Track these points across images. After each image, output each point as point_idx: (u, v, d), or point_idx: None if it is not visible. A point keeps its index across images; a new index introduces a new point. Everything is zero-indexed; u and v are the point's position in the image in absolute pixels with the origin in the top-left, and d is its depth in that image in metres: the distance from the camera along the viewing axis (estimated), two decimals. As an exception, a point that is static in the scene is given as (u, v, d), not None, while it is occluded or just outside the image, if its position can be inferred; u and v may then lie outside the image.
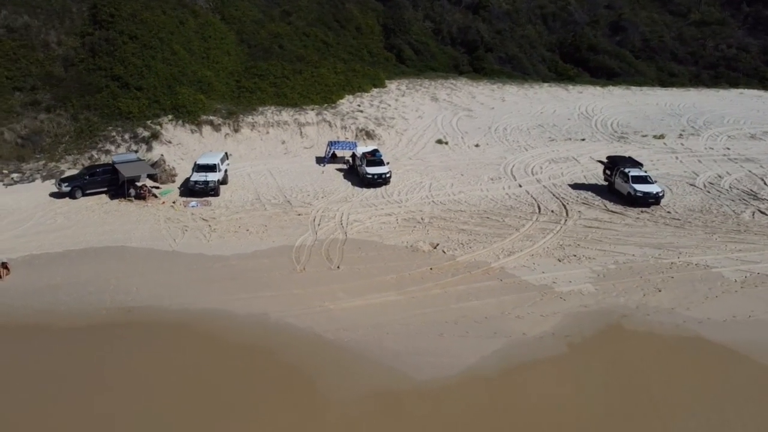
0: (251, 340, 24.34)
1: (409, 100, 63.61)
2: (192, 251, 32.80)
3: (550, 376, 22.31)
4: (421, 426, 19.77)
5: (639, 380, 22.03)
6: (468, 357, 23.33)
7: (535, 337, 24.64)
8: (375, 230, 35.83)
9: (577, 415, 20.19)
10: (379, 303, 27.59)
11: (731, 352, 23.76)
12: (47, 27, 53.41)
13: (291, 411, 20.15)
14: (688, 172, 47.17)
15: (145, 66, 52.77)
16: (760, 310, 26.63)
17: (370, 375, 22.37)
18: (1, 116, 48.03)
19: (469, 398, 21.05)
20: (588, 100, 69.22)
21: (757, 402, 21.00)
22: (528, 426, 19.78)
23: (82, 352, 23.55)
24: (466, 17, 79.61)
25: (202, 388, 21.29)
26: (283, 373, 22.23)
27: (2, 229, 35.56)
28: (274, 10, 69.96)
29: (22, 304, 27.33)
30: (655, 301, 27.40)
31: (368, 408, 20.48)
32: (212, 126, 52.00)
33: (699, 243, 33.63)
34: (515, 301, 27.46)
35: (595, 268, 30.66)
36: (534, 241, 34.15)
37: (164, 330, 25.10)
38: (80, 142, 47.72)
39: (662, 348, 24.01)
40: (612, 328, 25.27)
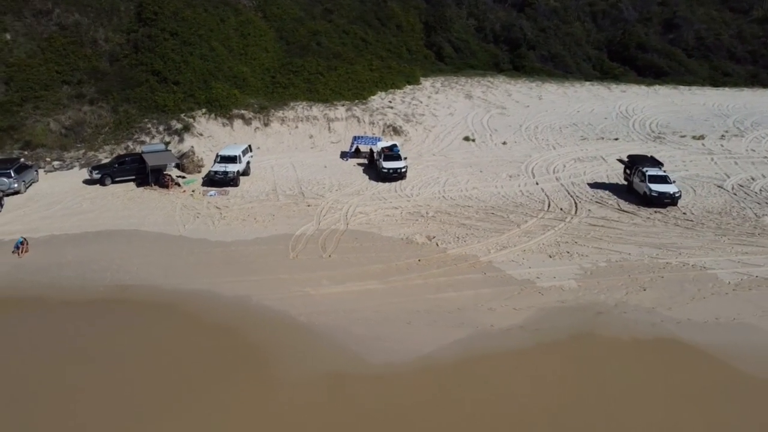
0: (227, 321, 25.56)
1: (442, 98, 63.90)
2: (197, 236, 34.44)
3: (506, 369, 22.51)
4: (364, 408, 20.41)
5: (596, 378, 21.94)
6: (428, 345, 23.79)
7: (501, 330, 24.84)
8: (377, 222, 36.56)
9: (521, 408, 20.34)
10: (359, 291, 28.35)
11: (702, 354, 23.29)
12: (96, 24, 56.54)
13: (244, 388, 21.17)
14: (719, 174, 45.68)
15: (183, 61, 55.20)
16: (747, 313, 25.86)
17: (329, 357, 23.17)
18: (49, 108, 51.23)
19: (417, 384, 21.55)
20: (630, 99, 67.64)
21: (715, 404, 20.59)
22: (468, 415, 20.09)
23: (71, 324, 25.38)
24: (509, 15, 78.98)
25: (168, 364, 22.64)
26: (246, 352, 23.31)
27: (33, 211, 38.22)
28: (316, 8, 71.48)
29: (31, 279, 29.51)
30: (637, 299, 27.02)
31: (318, 389, 21.29)
32: (243, 120, 53.90)
33: (704, 244, 32.76)
34: (493, 294, 27.65)
35: (585, 266, 30.42)
36: (532, 237, 34.10)
37: (151, 308, 26.64)
38: (118, 133, 50.49)
39: (629, 347, 23.75)
40: (583, 325, 25.09)
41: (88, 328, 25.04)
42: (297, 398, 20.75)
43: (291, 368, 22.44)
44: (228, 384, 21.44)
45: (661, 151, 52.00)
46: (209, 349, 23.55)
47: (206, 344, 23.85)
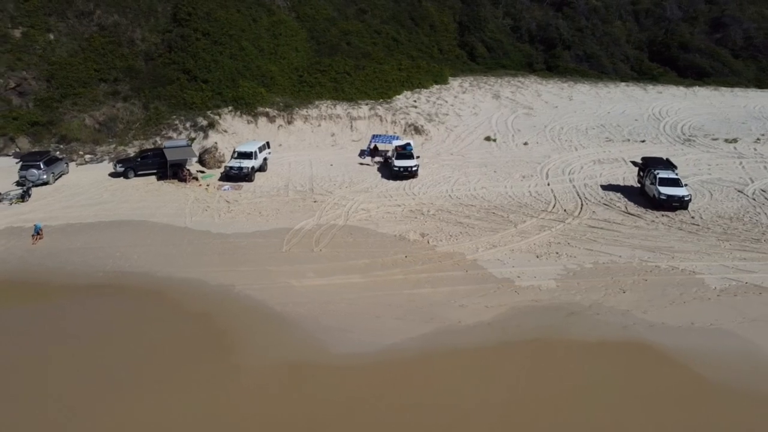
0: (207, 308, 26.79)
1: (468, 97, 63.97)
2: (200, 228, 35.96)
3: (461, 365, 22.81)
4: (314, 397, 21.13)
5: (548, 378, 21.99)
6: (391, 338, 24.35)
7: (468, 326, 25.16)
8: (376, 219, 37.25)
9: (466, 404, 20.65)
10: (339, 284, 29.12)
11: (666, 358, 23.02)
12: (134, 25, 59.24)
13: (207, 372, 22.24)
14: (743, 179, 44.34)
15: (213, 60, 57.24)
16: (726, 319, 25.33)
17: (294, 346, 24.03)
18: (86, 104, 54.08)
19: (371, 375, 22.14)
20: (665, 100, 66.09)
21: (665, 408, 20.40)
22: (413, 406, 20.57)
23: (63, 305, 27.12)
24: (546, 14, 78.13)
25: (143, 345, 23.98)
26: (216, 337, 24.42)
27: (57, 201, 40.66)
28: (350, 8, 72.60)
29: (39, 263, 31.59)
30: (614, 301, 26.82)
31: (275, 376, 22.16)
32: (267, 117, 55.48)
33: (702, 249, 32.07)
34: (468, 291, 27.96)
35: (570, 267, 30.31)
36: (525, 237, 34.12)
37: (140, 293, 28.15)
38: (147, 128, 52.86)
39: (593, 348, 23.66)
40: (551, 325, 25.13)
41: (77, 310, 26.72)
42: (253, 384, 21.66)
43: (254, 355, 23.40)
44: (193, 367, 22.57)
45: (688, 154, 50.81)
46: (184, 333, 24.79)
47: (182, 328, 25.10)
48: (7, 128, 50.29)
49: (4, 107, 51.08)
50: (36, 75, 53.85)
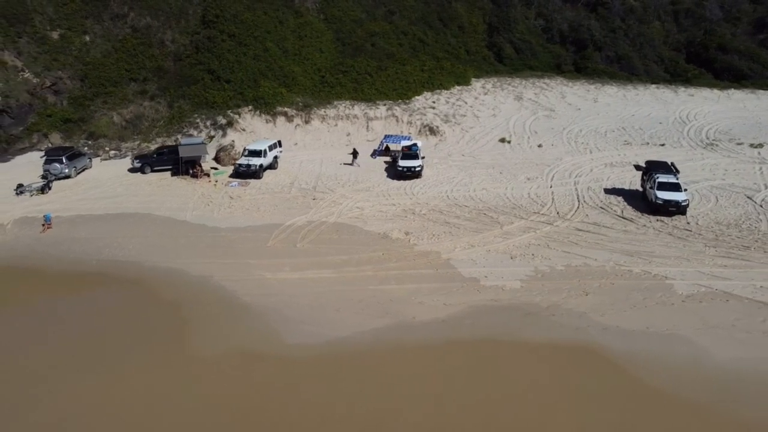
0: (179, 296, 28.30)
1: (490, 99, 64.01)
2: (198, 222, 37.69)
3: (403, 359, 23.44)
4: (255, 383, 22.23)
5: (484, 377, 22.37)
6: (344, 331, 25.21)
7: (421, 323, 25.76)
8: (366, 217, 38.14)
9: (396, 398, 21.29)
10: (311, 278, 30.18)
11: (609, 362, 23.02)
12: (165, 27, 61.90)
13: (160, 357, 23.64)
14: (758, 185, 43.11)
15: (237, 61, 59.28)
16: (685, 325, 25.11)
17: (251, 335, 25.19)
18: (116, 102, 56.97)
19: (313, 365, 23.06)
20: (695, 103, 64.40)
21: (596, 411, 20.57)
22: (346, 395, 21.39)
23: (50, 290, 29.12)
24: (578, 15, 77.13)
25: (110, 329, 25.65)
26: (179, 325, 25.83)
27: (74, 193, 43.27)
28: (379, 9, 73.49)
29: (43, 251, 33.89)
30: (574, 304, 26.90)
31: (226, 363, 23.36)
32: (286, 117, 57.11)
33: (684, 255, 31.64)
34: (432, 289, 28.52)
35: (541, 268, 30.45)
36: (507, 238, 34.36)
37: (123, 282, 29.92)
38: (170, 126, 55.27)
39: (538, 348, 23.86)
40: (504, 325, 25.46)
41: (61, 294, 28.61)
42: (201, 370, 22.89)
43: (210, 343, 24.66)
44: (150, 352, 24.01)
45: (707, 158, 49.64)
46: (150, 320, 26.32)
47: (150, 316, 26.66)
48: (41, 125, 53.45)
49: (40, 105, 54.28)
50: (71, 74, 56.98)
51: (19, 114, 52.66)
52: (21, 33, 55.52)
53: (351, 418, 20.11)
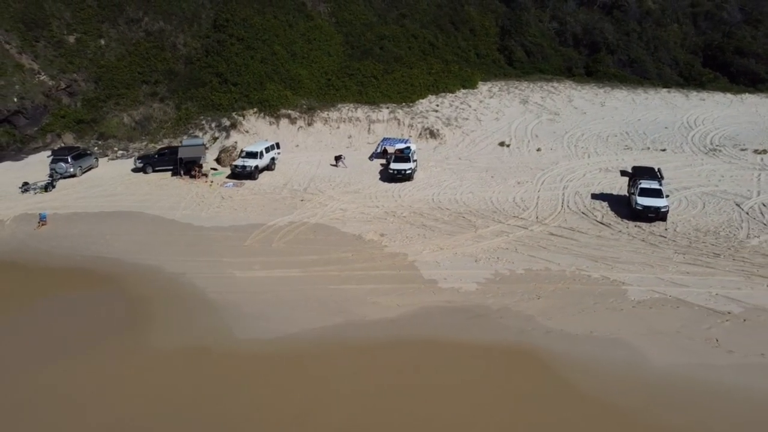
0: (148, 292, 29.64)
1: (495, 102, 64.23)
2: (185, 221, 39.16)
3: (344, 356, 24.24)
4: (203, 375, 23.36)
5: (420, 375, 23.02)
6: (295, 327, 26.16)
7: (371, 321, 26.56)
8: (347, 218, 39.07)
9: (331, 394, 22.13)
10: (278, 276, 31.24)
11: (544, 365, 23.39)
12: (177, 31, 63.93)
13: (116, 350, 24.93)
14: (750, 192, 42.56)
15: (244, 64, 60.88)
16: (629, 330, 25.32)
17: (206, 330, 26.32)
18: (127, 104, 59.16)
19: (257, 360, 24.07)
20: (706, 108, 63.53)
21: (518, 412, 21.09)
22: (281, 394, 22.27)
23: (29, 284, 30.81)
24: (592, 17, 76.65)
25: (77, 321, 27.12)
26: (140, 320, 27.09)
27: (76, 192, 45.31)
28: (392, 13, 74.35)
29: (34, 246, 35.77)
30: (524, 307, 27.32)
31: (179, 356, 24.53)
32: (289, 119, 58.45)
33: (650, 261, 31.68)
34: (389, 290, 29.25)
35: (501, 271, 30.91)
36: (478, 241, 34.85)
37: (100, 277, 31.45)
38: (177, 128, 57.15)
39: (478, 350, 24.33)
40: (451, 326, 26.05)
41: (40, 288, 30.29)
42: (150, 363, 24.10)
43: (167, 337, 25.86)
44: (109, 344, 25.36)
45: (706, 164, 49.13)
46: (117, 313, 27.71)
47: (118, 309, 28.06)
48: (55, 125, 55.93)
49: (55, 106, 56.76)
50: (85, 77, 59.39)
51: (34, 115, 55.12)
52: (38, 37, 58.06)
53: (277, 414, 20.98)
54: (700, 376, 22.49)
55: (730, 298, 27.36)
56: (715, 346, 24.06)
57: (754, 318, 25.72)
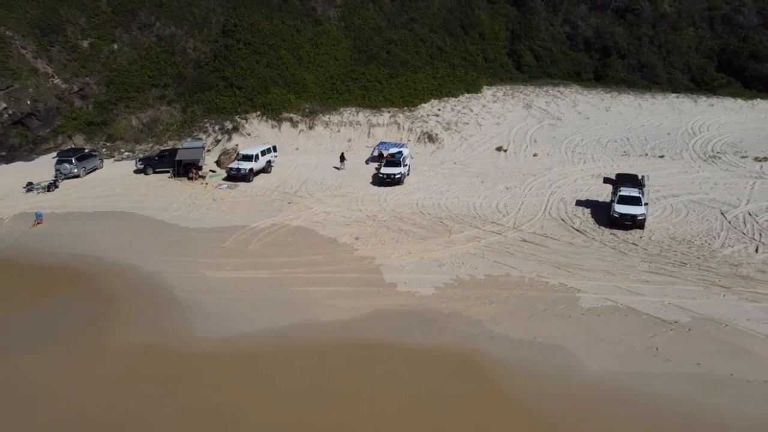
0: (120, 290, 31.01)
1: (498, 107, 64.46)
2: (172, 222, 40.63)
3: (289, 355, 25.19)
4: (151, 373, 24.53)
5: (357, 375, 23.77)
6: (251, 327, 27.17)
7: (323, 323, 27.42)
8: (328, 221, 40.03)
9: (266, 390, 23.13)
10: (247, 277, 32.36)
11: (477, 368, 23.90)
12: (188, 36, 65.80)
13: (78, 345, 26.28)
14: (739, 201, 42.10)
15: (250, 69, 62.40)
16: (572, 337, 25.59)
17: (167, 328, 27.47)
18: (137, 107, 61.21)
19: (208, 358, 25.17)
20: (713, 114, 62.71)
21: (442, 414, 21.69)
22: (223, 391, 23.34)
23: (14, 279, 32.54)
24: (603, 21, 76.17)
25: (46, 318, 28.60)
26: (105, 318, 28.41)
27: (77, 192, 47.27)
28: (401, 17, 75.07)
29: (27, 244, 37.63)
30: (475, 312, 27.83)
31: (136, 353, 25.74)
32: (291, 122, 59.72)
33: (613, 269, 31.85)
34: (349, 292, 30.08)
35: (462, 276, 31.46)
36: (449, 246, 35.43)
37: (81, 274, 33.00)
38: (182, 130, 58.92)
39: (421, 353, 24.92)
40: (399, 329, 26.75)
41: (19, 283, 31.98)
42: (107, 359, 25.35)
43: (127, 334, 27.03)
44: (71, 339, 26.72)
45: (702, 171, 48.73)
46: (85, 310, 29.12)
47: (87, 306, 29.47)
48: (66, 127, 58.23)
49: (67, 109, 59.08)
50: (97, 80, 61.63)
51: (47, 117, 57.51)
52: (54, 42, 60.48)
53: (212, 412, 22.00)
54: (630, 383, 22.73)
55: (681, 308, 27.40)
56: (654, 355, 24.21)
57: (699, 328, 25.76)
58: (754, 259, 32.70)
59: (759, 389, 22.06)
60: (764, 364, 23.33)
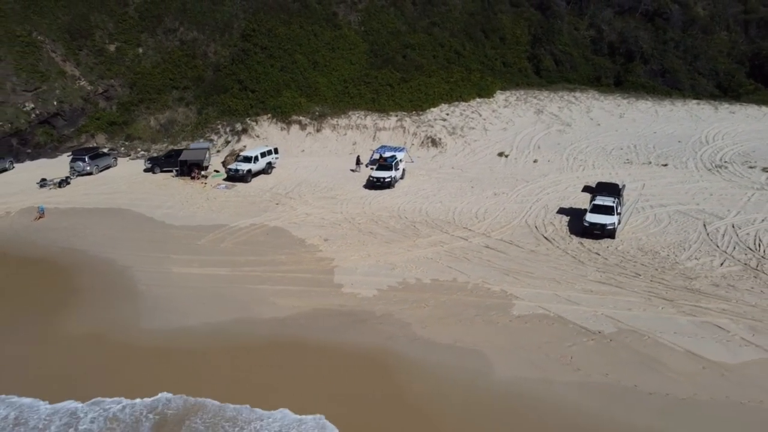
0: (89, 282, 33.10)
1: (508, 112, 64.41)
2: (161, 219, 42.77)
3: (215, 348, 26.55)
4: (88, 362, 26.39)
5: (269, 372, 24.97)
6: (194, 320, 28.60)
7: (262, 320, 28.58)
8: (305, 222, 41.30)
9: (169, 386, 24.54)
10: (208, 274, 33.97)
11: (386, 368, 24.57)
12: (209, 40, 68.50)
13: (30, 332, 28.37)
14: (729, 212, 41.06)
15: (264, 72, 64.49)
16: (492, 343, 25.87)
17: (118, 319, 29.25)
18: (157, 108, 64.27)
19: (142, 348, 26.81)
20: (732, 122, 60.88)
21: (342, 411, 22.68)
22: (136, 379, 25.01)
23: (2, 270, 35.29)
24: (628, 25, 74.75)
25: (16, 303, 31.06)
26: (65, 307, 30.48)
27: (86, 188, 50.22)
28: (422, 21, 75.71)
29: (25, 237, 40.42)
30: (407, 314, 28.44)
31: (81, 341, 27.59)
32: (300, 125, 61.46)
33: (562, 277, 31.83)
34: (296, 291, 31.20)
35: (408, 280, 32.13)
36: (410, 250, 36.09)
37: (61, 266, 35.40)
38: (195, 131, 61.49)
39: (337, 351, 25.71)
40: (331, 327, 27.78)
41: (4, 273, 34.59)
42: (53, 346, 27.30)
43: (79, 323, 28.86)
44: (25, 327, 28.80)
45: (702, 181, 47.61)
46: (49, 300, 31.26)
47: (52, 296, 31.65)
48: (90, 126, 61.72)
49: (92, 109, 62.56)
50: (122, 82, 64.97)
51: (72, 117, 61.09)
52: (82, 46, 64.14)
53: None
54: (533, 390, 22.98)
55: (612, 319, 27.32)
56: (566, 364, 24.35)
57: (621, 339, 25.69)
58: (714, 273, 32.01)
59: (657, 402, 21.96)
60: (671, 378, 23.14)
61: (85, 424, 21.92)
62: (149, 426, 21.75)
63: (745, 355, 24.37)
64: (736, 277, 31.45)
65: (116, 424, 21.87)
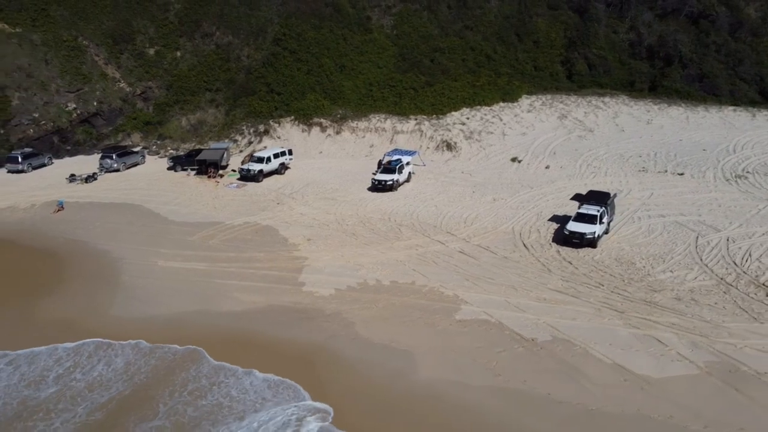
0: (79, 271, 35.49)
1: (530, 117, 63.84)
2: (164, 215, 45.11)
3: (166, 340, 28.35)
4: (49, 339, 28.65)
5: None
6: (160, 310, 30.36)
7: (219, 313, 30.05)
8: (296, 222, 42.60)
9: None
10: (188, 268, 35.74)
11: (325, 364, 25.72)
12: (243, 44, 71.16)
13: (8, 315, 31.00)
14: (730, 225, 39.60)
15: (290, 75, 66.48)
16: (425, 345, 26.16)
17: (91, 307, 31.35)
18: (190, 109, 67.41)
19: (113, 334, 28.59)
20: (767, 130, 58.30)
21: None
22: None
23: (5, 256, 38.30)
24: (668, 28, 72.43)
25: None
26: (48, 293, 32.97)
27: (107, 184, 53.39)
28: (456, 25, 75.91)
29: (39, 228, 43.51)
30: (354, 314, 29.13)
31: (52, 325, 29.84)
32: (320, 127, 63.05)
33: (519, 285, 31.77)
34: (260, 288, 32.46)
35: (369, 281, 32.80)
36: (384, 252, 36.72)
37: (60, 255, 38.08)
38: (222, 131, 64.13)
39: (277, 347, 27.09)
40: (264, 322, 28.96)
41: (7, 260, 37.61)
42: (25, 329, 29.56)
43: (53, 309, 31.00)
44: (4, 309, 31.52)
45: (714, 192, 46.06)
46: (36, 286, 33.79)
47: (39, 283, 34.14)
48: (127, 126, 65.40)
49: (130, 110, 66.26)
50: (159, 84, 68.42)
51: (110, 116, 64.94)
52: (123, 50, 67.99)
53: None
54: (449, 392, 23.32)
55: (552, 327, 27.18)
56: (488, 369, 24.53)
57: (551, 348, 25.57)
58: (683, 287, 31.17)
59: (564, 411, 21.90)
60: (586, 389, 22.95)
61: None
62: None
63: (673, 370, 23.80)
64: (704, 292, 30.45)
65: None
